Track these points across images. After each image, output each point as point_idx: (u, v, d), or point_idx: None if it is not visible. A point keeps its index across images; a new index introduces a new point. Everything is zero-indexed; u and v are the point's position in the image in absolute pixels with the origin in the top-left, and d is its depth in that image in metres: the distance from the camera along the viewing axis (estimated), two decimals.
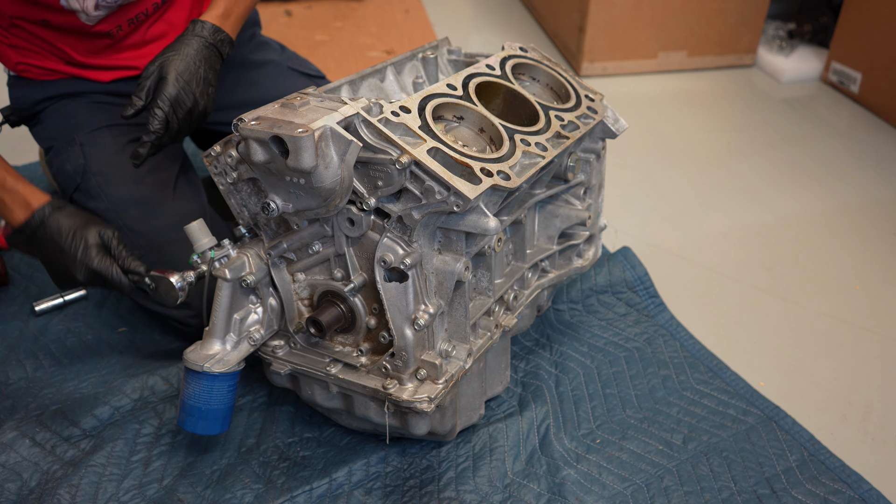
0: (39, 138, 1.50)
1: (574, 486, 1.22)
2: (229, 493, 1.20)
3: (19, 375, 1.44)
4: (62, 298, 1.60)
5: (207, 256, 1.12)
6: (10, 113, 1.54)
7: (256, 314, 1.17)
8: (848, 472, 1.25)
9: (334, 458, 1.27)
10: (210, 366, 1.11)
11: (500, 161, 1.06)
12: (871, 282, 1.75)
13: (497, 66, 1.29)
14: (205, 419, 1.14)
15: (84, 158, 1.41)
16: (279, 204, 1.03)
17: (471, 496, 1.20)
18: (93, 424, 1.32)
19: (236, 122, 0.97)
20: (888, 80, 2.48)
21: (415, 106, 1.08)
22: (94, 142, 1.43)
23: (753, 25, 2.86)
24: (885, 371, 1.50)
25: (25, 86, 1.48)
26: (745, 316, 1.65)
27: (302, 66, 1.68)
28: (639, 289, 1.66)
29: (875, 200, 2.08)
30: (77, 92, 1.48)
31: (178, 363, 1.45)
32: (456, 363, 1.12)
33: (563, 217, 1.33)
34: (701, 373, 1.45)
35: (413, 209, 1.00)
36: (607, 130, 1.35)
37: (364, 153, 0.99)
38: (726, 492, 1.21)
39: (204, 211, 1.48)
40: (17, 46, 1.42)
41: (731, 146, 2.37)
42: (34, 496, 1.19)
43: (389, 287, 1.05)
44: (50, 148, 1.47)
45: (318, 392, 1.21)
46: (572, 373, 1.45)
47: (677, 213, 2.03)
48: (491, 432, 1.30)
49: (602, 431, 1.33)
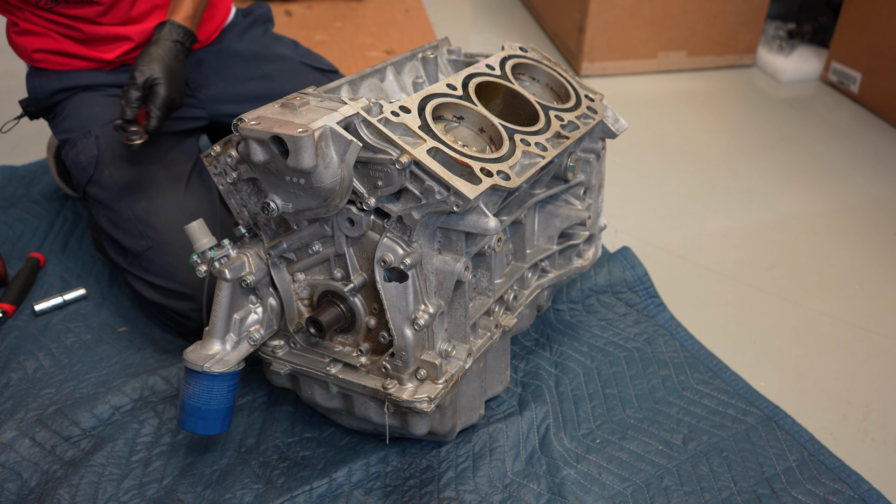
0: (57, 131, 1.54)
1: (574, 486, 1.22)
2: (229, 493, 1.20)
3: (19, 375, 1.44)
4: (62, 298, 1.60)
5: (207, 256, 1.12)
6: (28, 104, 1.58)
7: (256, 314, 1.17)
8: (848, 472, 1.25)
9: (334, 458, 1.27)
10: (210, 366, 1.11)
11: (499, 161, 1.06)
12: (871, 282, 1.75)
13: (497, 66, 1.29)
14: (205, 419, 1.14)
15: (98, 150, 1.45)
16: (279, 204, 1.03)
17: (471, 496, 1.20)
18: (93, 424, 1.32)
19: (236, 122, 0.97)
20: (888, 80, 2.48)
21: (415, 106, 1.08)
22: (108, 134, 1.47)
23: (753, 25, 2.86)
24: (885, 371, 1.50)
25: (42, 76, 1.53)
26: (745, 316, 1.65)
27: (315, 62, 1.70)
28: (639, 289, 1.66)
29: (875, 200, 2.08)
30: (93, 84, 1.52)
31: (178, 363, 1.45)
32: (456, 363, 1.12)
33: (563, 217, 1.33)
34: (701, 373, 1.45)
35: (413, 209, 1.00)
36: (607, 130, 1.35)
37: (364, 153, 0.99)
38: (726, 492, 1.21)
39: (214, 208, 1.50)
40: (31, 32, 1.47)
41: (731, 146, 2.37)
42: (34, 496, 1.19)
43: (389, 287, 1.05)
44: (66, 141, 1.49)
45: (317, 392, 1.21)
46: (572, 373, 1.45)
47: (677, 213, 2.03)
48: (491, 432, 1.30)
49: (602, 431, 1.33)
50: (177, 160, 1.50)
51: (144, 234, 1.41)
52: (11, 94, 2.42)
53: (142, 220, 1.41)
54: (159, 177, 1.46)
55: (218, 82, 1.60)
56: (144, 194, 1.44)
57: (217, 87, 1.60)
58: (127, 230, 1.42)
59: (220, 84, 1.61)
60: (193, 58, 1.59)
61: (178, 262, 1.40)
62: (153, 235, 1.41)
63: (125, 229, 1.43)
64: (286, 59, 1.67)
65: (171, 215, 1.42)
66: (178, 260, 1.40)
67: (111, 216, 1.44)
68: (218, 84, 1.60)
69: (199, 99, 1.59)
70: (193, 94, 1.59)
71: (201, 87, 1.59)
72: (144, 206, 1.42)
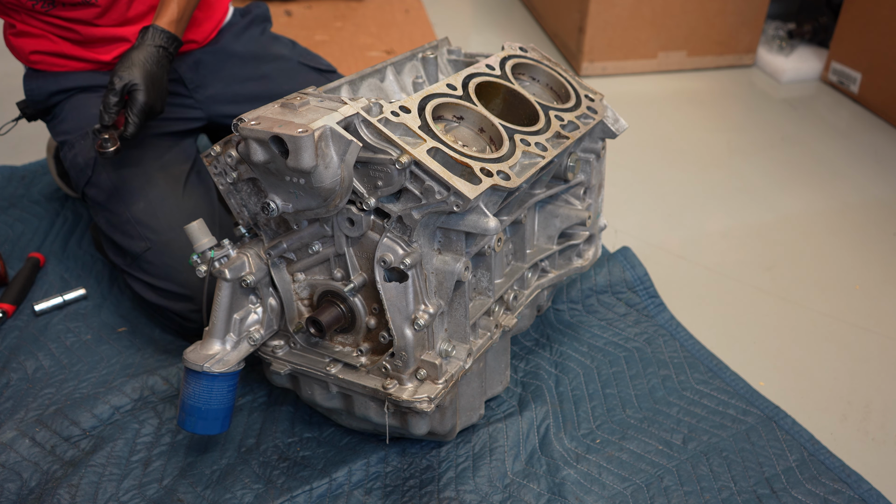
0: (55, 133, 1.53)
1: (574, 486, 1.22)
2: (229, 493, 1.20)
3: (19, 375, 1.44)
4: (62, 298, 1.60)
5: (207, 256, 1.12)
6: (25, 106, 1.58)
7: (256, 314, 1.17)
8: (848, 472, 1.25)
9: (334, 458, 1.27)
10: (210, 366, 1.11)
11: (499, 161, 1.06)
12: (871, 282, 1.75)
13: (497, 66, 1.29)
14: (205, 419, 1.14)
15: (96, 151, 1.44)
16: (279, 204, 1.03)
17: (471, 496, 1.20)
18: (93, 424, 1.32)
19: (236, 122, 0.97)
20: (888, 80, 2.48)
21: (415, 106, 1.08)
22: None
23: (753, 25, 2.86)
24: (885, 371, 1.50)
25: (40, 78, 1.53)
26: (745, 316, 1.65)
27: (313, 62, 1.70)
28: (639, 289, 1.66)
29: (875, 200, 2.08)
30: (90, 86, 1.52)
31: (178, 363, 1.45)
32: (456, 363, 1.12)
33: (563, 217, 1.33)
34: (701, 373, 1.45)
35: (413, 209, 1.00)
36: (607, 130, 1.35)
37: (364, 153, 0.99)
38: (726, 492, 1.21)
39: (213, 209, 1.50)
40: (28, 34, 1.47)
41: (731, 146, 2.37)
42: (34, 496, 1.19)
43: (389, 287, 1.05)
44: (64, 142, 1.49)
45: (317, 392, 1.20)
46: (572, 373, 1.45)
47: (677, 213, 2.03)
48: (491, 432, 1.30)
49: (602, 431, 1.33)
50: (175, 161, 1.50)
51: (143, 236, 1.41)
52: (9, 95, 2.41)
53: (140, 221, 1.41)
54: (157, 178, 1.45)
55: (216, 82, 1.60)
56: (143, 195, 1.43)
57: (215, 88, 1.60)
58: (126, 231, 1.42)
59: (217, 84, 1.60)
60: (191, 58, 1.59)
61: (177, 263, 1.40)
62: (152, 237, 1.40)
63: (124, 231, 1.43)
64: (284, 59, 1.67)
65: (169, 216, 1.42)
66: (177, 261, 1.40)
67: (110, 217, 1.44)
68: (216, 84, 1.60)
69: (197, 99, 1.59)
70: (191, 95, 1.59)
71: (199, 87, 1.59)
72: (143, 208, 1.42)
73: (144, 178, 1.45)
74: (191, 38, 1.56)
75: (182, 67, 1.57)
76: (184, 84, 1.58)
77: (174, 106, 1.55)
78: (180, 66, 1.57)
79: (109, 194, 1.44)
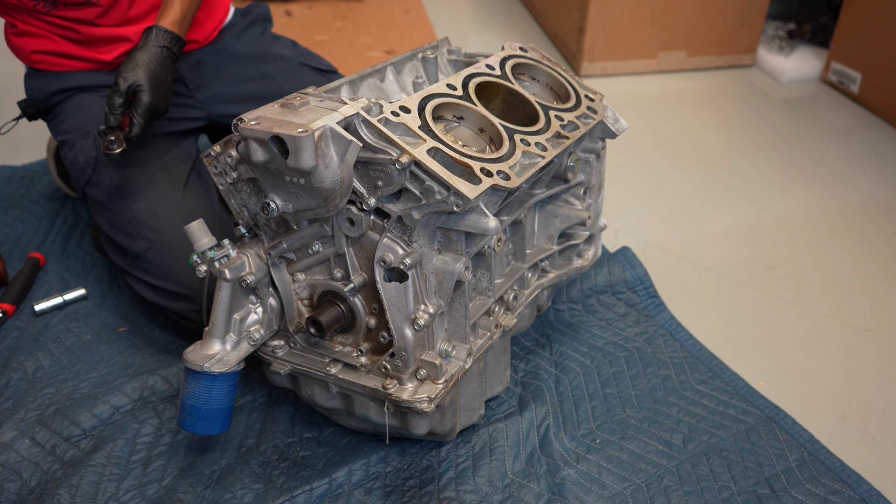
0: (56, 132, 1.53)
1: (574, 486, 1.22)
2: (229, 493, 1.20)
3: (19, 375, 1.44)
4: (62, 298, 1.60)
5: (207, 256, 1.12)
6: (26, 105, 1.59)
7: (256, 314, 1.17)
8: (848, 472, 1.25)
9: (334, 458, 1.27)
10: (210, 366, 1.11)
11: (499, 161, 1.06)
12: (871, 282, 1.75)
13: (497, 66, 1.29)
14: (205, 419, 1.14)
15: (96, 151, 1.45)
16: (279, 204, 1.03)
17: (471, 496, 1.20)
18: (93, 424, 1.32)
19: (236, 122, 0.97)
20: (888, 80, 2.48)
21: (415, 106, 1.08)
22: None
23: (753, 25, 2.86)
24: (885, 371, 1.50)
25: (40, 77, 1.53)
26: (745, 316, 1.65)
27: (314, 62, 1.70)
28: (639, 289, 1.66)
29: (875, 200, 2.08)
30: (91, 85, 1.52)
31: (178, 363, 1.45)
32: (456, 363, 1.12)
33: (563, 217, 1.33)
34: (701, 373, 1.45)
35: (413, 209, 1.00)
36: (607, 130, 1.35)
37: (364, 153, 0.99)
38: (726, 492, 1.21)
39: (213, 209, 1.50)
40: (29, 33, 1.47)
41: (731, 146, 2.37)
42: (34, 496, 1.19)
43: (389, 287, 1.05)
44: (65, 142, 1.49)
45: (317, 392, 1.20)
46: (572, 373, 1.45)
47: (677, 213, 2.03)
48: (491, 432, 1.30)
49: (602, 431, 1.33)
50: (175, 161, 1.50)
51: (143, 236, 1.41)
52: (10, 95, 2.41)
53: (141, 221, 1.41)
54: (158, 177, 1.46)
55: (216, 82, 1.60)
56: (143, 195, 1.43)
57: (215, 88, 1.60)
58: (126, 231, 1.42)
59: (218, 84, 1.60)
60: (192, 58, 1.59)
61: (177, 263, 1.40)
62: (152, 236, 1.41)
63: (124, 230, 1.43)
64: (285, 59, 1.67)
65: (170, 216, 1.42)
66: (177, 261, 1.40)
67: (110, 217, 1.44)
68: (216, 84, 1.60)
69: (198, 99, 1.59)
70: (192, 95, 1.59)
71: (200, 87, 1.59)
72: (143, 207, 1.42)
73: (145, 177, 1.45)
74: (192, 38, 1.56)
75: (183, 67, 1.57)
76: (185, 84, 1.58)
77: (175, 106, 1.55)
78: (181, 65, 1.57)
79: (110, 194, 1.44)
